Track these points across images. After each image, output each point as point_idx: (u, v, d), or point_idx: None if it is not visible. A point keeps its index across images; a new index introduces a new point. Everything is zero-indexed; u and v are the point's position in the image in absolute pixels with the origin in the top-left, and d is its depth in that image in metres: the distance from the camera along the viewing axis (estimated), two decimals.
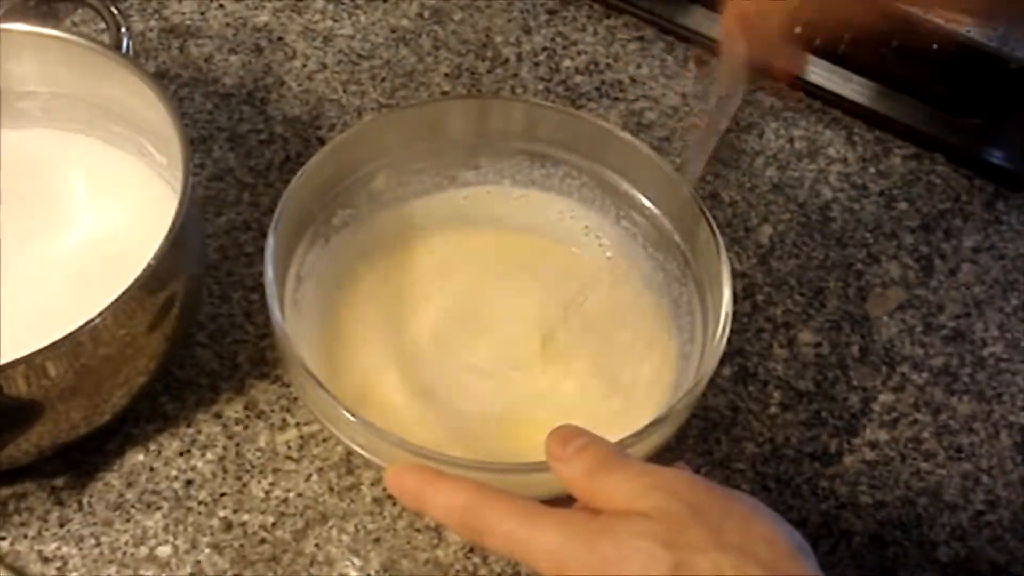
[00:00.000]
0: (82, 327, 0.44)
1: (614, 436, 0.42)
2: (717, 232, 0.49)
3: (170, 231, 0.46)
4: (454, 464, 0.42)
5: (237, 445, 0.52)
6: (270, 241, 0.48)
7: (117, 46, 0.54)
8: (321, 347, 0.51)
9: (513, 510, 0.38)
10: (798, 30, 0.48)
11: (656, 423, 0.44)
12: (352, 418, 0.44)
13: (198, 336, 0.55)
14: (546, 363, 0.53)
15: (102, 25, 0.55)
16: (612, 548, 0.36)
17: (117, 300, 0.45)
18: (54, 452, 0.50)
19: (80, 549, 0.49)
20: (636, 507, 0.37)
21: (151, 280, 0.46)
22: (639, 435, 0.44)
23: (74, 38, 0.53)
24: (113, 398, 0.49)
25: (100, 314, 0.44)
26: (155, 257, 0.46)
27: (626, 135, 0.53)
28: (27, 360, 0.43)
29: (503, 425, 0.51)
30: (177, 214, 0.47)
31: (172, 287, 0.48)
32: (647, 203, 0.54)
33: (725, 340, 0.47)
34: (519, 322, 0.53)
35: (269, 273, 0.47)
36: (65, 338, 0.44)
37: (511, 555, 0.38)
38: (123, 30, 0.54)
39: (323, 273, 0.53)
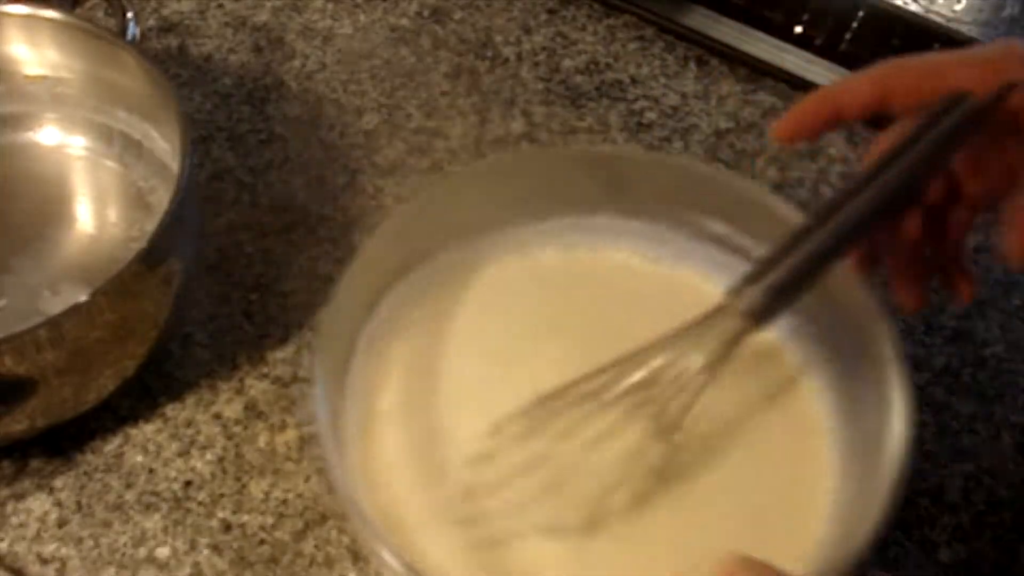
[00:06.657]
0: (76, 305, 0.44)
1: None
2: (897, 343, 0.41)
3: (170, 205, 0.47)
4: None
5: (236, 446, 0.52)
6: (316, 361, 0.41)
7: (123, 33, 0.55)
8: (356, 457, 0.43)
9: None
10: None
11: None
12: None
13: (198, 336, 0.55)
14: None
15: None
16: None
17: (115, 275, 0.45)
18: (44, 430, 0.50)
19: (79, 550, 0.49)
20: None
21: (149, 255, 0.46)
22: None
23: (83, 24, 0.55)
24: (102, 378, 0.49)
25: (96, 290, 0.45)
26: (156, 230, 0.46)
27: (771, 197, 0.46)
28: (20, 336, 0.43)
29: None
30: (176, 188, 0.48)
31: (170, 264, 0.48)
32: None
33: (895, 488, 0.38)
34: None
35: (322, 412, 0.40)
36: (58, 315, 0.44)
37: None
38: (129, 16, 0.55)
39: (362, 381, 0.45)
